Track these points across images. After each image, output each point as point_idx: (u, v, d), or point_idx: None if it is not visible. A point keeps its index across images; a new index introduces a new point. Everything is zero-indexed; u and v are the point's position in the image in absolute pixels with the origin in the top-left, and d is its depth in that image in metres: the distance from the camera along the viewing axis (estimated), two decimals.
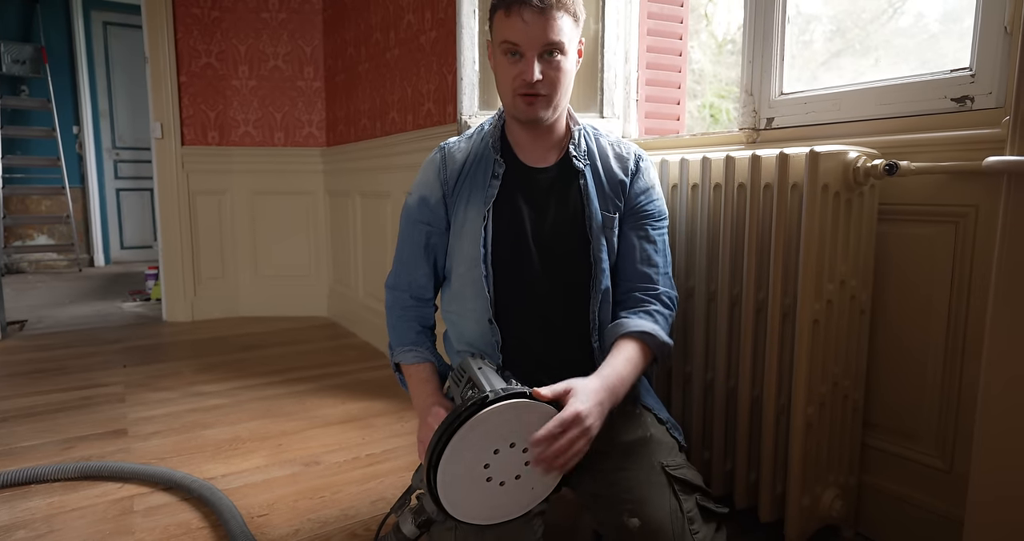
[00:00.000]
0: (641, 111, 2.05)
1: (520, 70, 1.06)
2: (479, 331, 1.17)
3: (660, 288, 1.18)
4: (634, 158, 1.21)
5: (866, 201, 1.25)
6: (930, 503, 1.26)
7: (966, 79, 1.20)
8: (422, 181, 1.22)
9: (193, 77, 3.39)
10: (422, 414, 1.09)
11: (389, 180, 2.79)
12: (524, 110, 1.10)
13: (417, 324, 1.23)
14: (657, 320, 1.14)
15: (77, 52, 5.68)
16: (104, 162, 5.98)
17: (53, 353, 2.85)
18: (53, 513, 1.45)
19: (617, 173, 1.19)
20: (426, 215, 1.20)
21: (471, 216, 1.15)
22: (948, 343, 1.24)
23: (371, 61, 2.92)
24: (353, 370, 2.62)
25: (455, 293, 1.20)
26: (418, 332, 1.22)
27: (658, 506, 1.04)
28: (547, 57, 1.06)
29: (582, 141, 1.19)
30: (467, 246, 1.15)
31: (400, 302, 1.23)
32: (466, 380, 1.03)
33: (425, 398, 1.12)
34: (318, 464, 1.72)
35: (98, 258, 5.99)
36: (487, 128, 1.22)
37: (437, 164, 1.20)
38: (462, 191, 1.18)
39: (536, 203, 1.16)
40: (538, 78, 1.05)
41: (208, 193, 3.50)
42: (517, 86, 1.08)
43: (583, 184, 1.16)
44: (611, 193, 1.18)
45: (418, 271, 1.22)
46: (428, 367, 1.17)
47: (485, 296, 1.14)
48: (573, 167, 1.17)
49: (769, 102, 1.54)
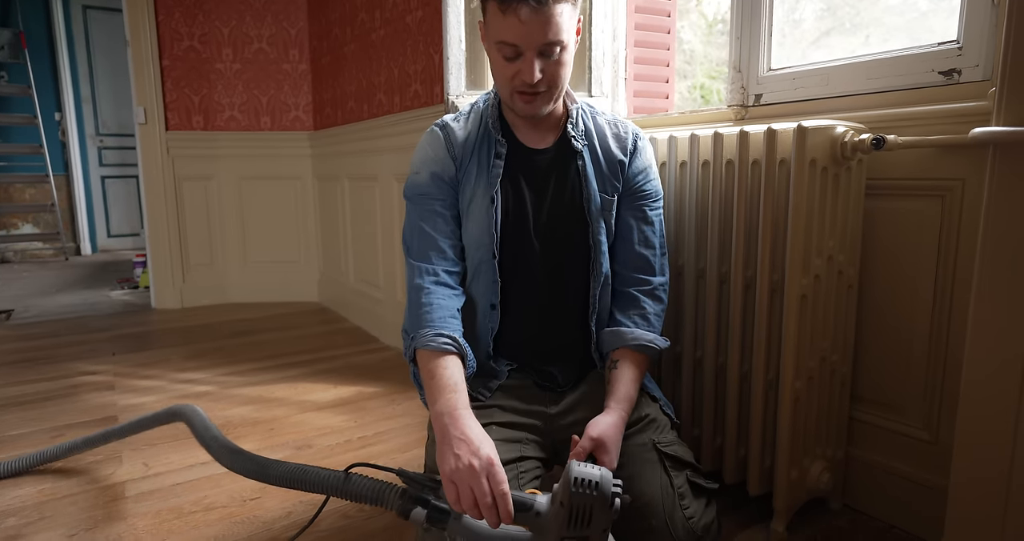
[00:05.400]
0: (630, 89, 2.04)
1: (518, 69, 1.01)
2: (473, 315, 1.14)
3: (655, 280, 1.18)
4: (632, 137, 1.19)
5: (853, 176, 1.25)
6: (915, 474, 1.28)
7: (953, 52, 1.19)
8: (430, 157, 1.14)
9: (176, 61, 3.34)
10: (462, 445, 0.86)
11: (377, 163, 2.77)
12: (523, 108, 1.06)
13: (449, 302, 1.05)
14: (652, 323, 1.15)
15: (57, 37, 5.58)
16: (88, 149, 5.90)
17: (40, 342, 2.83)
18: (44, 500, 1.45)
19: (616, 153, 1.17)
20: (443, 190, 1.12)
21: (478, 196, 1.12)
22: (934, 316, 1.25)
23: (357, 42, 2.88)
24: (344, 354, 2.61)
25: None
26: (452, 316, 1.04)
27: (649, 482, 1.05)
28: (546, 54, 1.00)
29: (579, 120, 1.17)
30: (473, 227, 1.12)
31: (430, 277, 1.07)
32: (579, 536, 0.80)
33: (458, 420, 0.90)
34: (310, 447, 1.72)
35: (85, 246, 5.94)
36: (482, 107, 1.18)
37: (442, 139, 1.14)
38: (469, 169, 1.13)
39: (536, 185, 1.14)
40: (538, 78, 1.01)
41: (194, 179, 3.46)
42: (516, 85, 1.03)
43: (581, 166, 1.14)
44: (609, 174, 1.16)
45: (444, 243, 1.10)
46: (456, 364, 0.99)
47: (494, 280, 1.11)
48: (571, 147, 1.15)
49: (757, 78, 1.53)
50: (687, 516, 1.04)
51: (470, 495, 0.82)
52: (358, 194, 3.02)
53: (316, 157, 3.51)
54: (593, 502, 0.77)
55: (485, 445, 0.86)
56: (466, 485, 0.82)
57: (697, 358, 1.41)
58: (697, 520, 1.05)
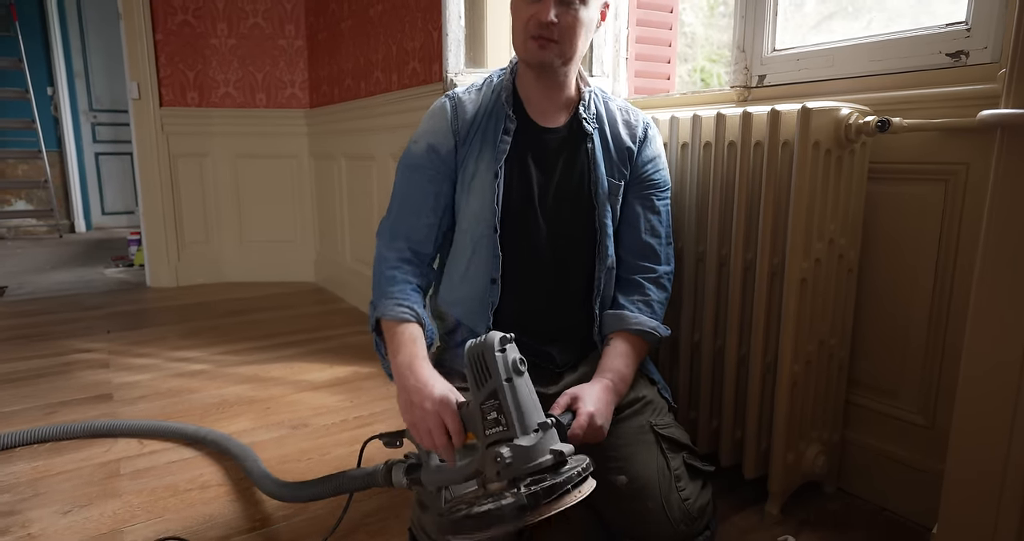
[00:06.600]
0: (631, 69, 2.01)
1: (536, 10, 1.03)
2: (473, 290, 1.14)
3: (661, 268, 1.18)
4: (643, 126, 1.20)
5: (857, 159, 1.24)
6: (911, 458, 1.28)
7: (961, 33, 1.17)
8: (430, 129, 1.15)
9: (170, 35, 3.28)
10: (416, 393, 0.94)
11: (374, 142, 2.74)
12: (535, 53, 1.06)
13: (413, 280, 1.10)
14: (655, 311, 1.16)
15: (48, 9, 5.48)
16: (81, 125, 5.83)
17: (34, 319, 2.82)
18: (38, 477, 1.44)
19: (625, 140, 1.17)
20: (435, 164, 1.13)
21: (481, 171, 1.12)
22: (934, 302, 1.24)
23: (354, 18, 2.83)
24: (340, 334, 2.61)
25: (454, 249, 1.17)
26: (413, 289, 1.09)
27: (645, 464, 1.05)
28: (566, 3, 1.03)
29: (592, 103, 1.17)
30: (475, 202, 1.12)
31: (396, 253, 1.11)
32: (488, 393, 0.84)
33: (415, 369, 0.97)
34: (306, 427, 1.72)
35: (79, 224, 5.89)
36: (496, 81, 1.18)
37: (448, 112, 1.14)
38: (473, 143, 1.13)
39: (544, 164, 1.14)
40: (552, 19, 1.02)
41: (189, 156, 3.42)
42: (531, 27, 1.04)
43: (590, 148, 1.14)
44: (618, 159, 1.16)
45: (420, 221, 1.13)
46: (416, 330, 1.04)
47: (495, 255, 1.11)
48: (582, 129, 1.15)
49: (761, 59, 1.51)
50: (683, 498, 1.04)
51: (430, 436, 0.91)
52: (355, 173, 2.99)
53: (312, 135, 3.47)
54: (482, 349, 0.84)
55: (437, 386, 0.93)
56: (426, 427, 0.91)
57: (695, 341, 1.40)
58: (693, 502, 1.05)
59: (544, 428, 0.81)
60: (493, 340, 0.84)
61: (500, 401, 0.82)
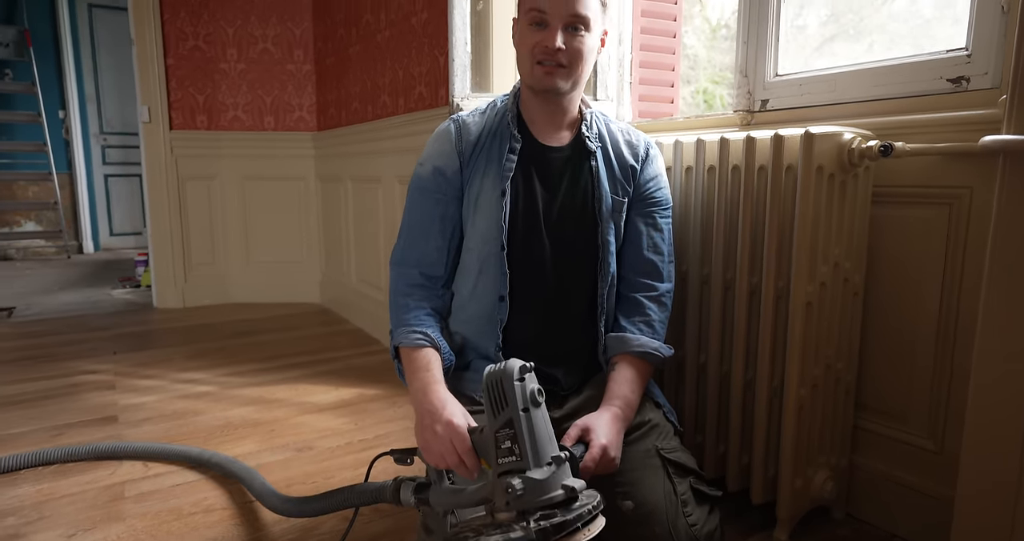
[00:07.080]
0: (635, 93, 2.03)
1: (542, 37, 1.06)
2: (482, 308, 1.15)
3: (662, 286, 1.19)
4: (644, 145, 1.22)
5: (860, 183, 1.24)
6: (920, 484, 1.27)
7: (962, 59, 1.19)
8: (436, 152, 1.17)
9: (181, 60, 3.34)
10: (428, 416, 0.96)
11: (381, 165, 2.77)
12: (541, 79, 1.09)
13: (426, 304, 1.13)
14: (657, 331, 1.16)
15: (62, 35, 5.59)
16: (92, 147, 5.90)
17: (42, 340, 2.83)
18: (43, 500, 1.44)
19: (627, 158, 1.19)
20: (441, 186, 1.15)
21: (487, 189, 1.14)
22: (940, 325, 1.24)
23: (362, 43, 2.88)
24: (345, 356, 2.60)
25: (461, 268, 1.18)
26: (427, 314, 1.12)
27: (652, 489, 1.04)
28: (571, 30, 1.06)
29: (594, 123, 1.20)
30: (481, 221, 1.14)
31: (407, 279, 1.14)
32: (504, 421, 0.82)
33: (429, 394, 0.99)
34: (311, 449, 1.71)
35: (87, 245, 5.94)
36: (500, 104, 1.20)
37: (452, 134, 1.17)
38: (478, 164, 1.15)
39: (549, 182, 1.16)
40: (560, 46, 1.05)
41: (198, 178, 3.46)
42: (537, 53, 1.07)
43: (594, 166, 1.16)
44: (621, 177, 1.18)
45: (430, 245, 1.15)
46: (432, 354, 1.06)
47: (503, 273, 1.12)
48: (586, 147, 1.17)
49: (764, 84, 1.52)
50: (690, 523, 1.03)
51: (442, 459, 0.93)
52: (361, 195, 3.02)
53: (319, 158, 3.51)
54: (501, 376, 0.83)
55: (447, 410, 0.95)
56: (437, 450, 0.93)
57: (701, 364, 1.40)
58: (700, 527, 1.04)
59: (558, 462, 0.81)
60: (513, 368, 0.83)
61: (515, 431, 0.81)
